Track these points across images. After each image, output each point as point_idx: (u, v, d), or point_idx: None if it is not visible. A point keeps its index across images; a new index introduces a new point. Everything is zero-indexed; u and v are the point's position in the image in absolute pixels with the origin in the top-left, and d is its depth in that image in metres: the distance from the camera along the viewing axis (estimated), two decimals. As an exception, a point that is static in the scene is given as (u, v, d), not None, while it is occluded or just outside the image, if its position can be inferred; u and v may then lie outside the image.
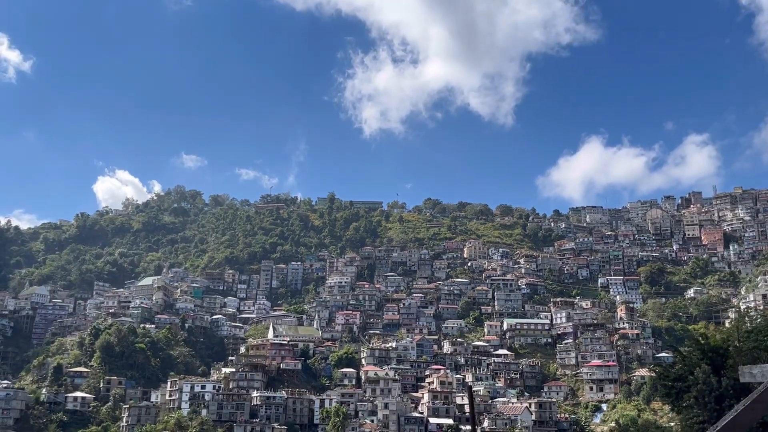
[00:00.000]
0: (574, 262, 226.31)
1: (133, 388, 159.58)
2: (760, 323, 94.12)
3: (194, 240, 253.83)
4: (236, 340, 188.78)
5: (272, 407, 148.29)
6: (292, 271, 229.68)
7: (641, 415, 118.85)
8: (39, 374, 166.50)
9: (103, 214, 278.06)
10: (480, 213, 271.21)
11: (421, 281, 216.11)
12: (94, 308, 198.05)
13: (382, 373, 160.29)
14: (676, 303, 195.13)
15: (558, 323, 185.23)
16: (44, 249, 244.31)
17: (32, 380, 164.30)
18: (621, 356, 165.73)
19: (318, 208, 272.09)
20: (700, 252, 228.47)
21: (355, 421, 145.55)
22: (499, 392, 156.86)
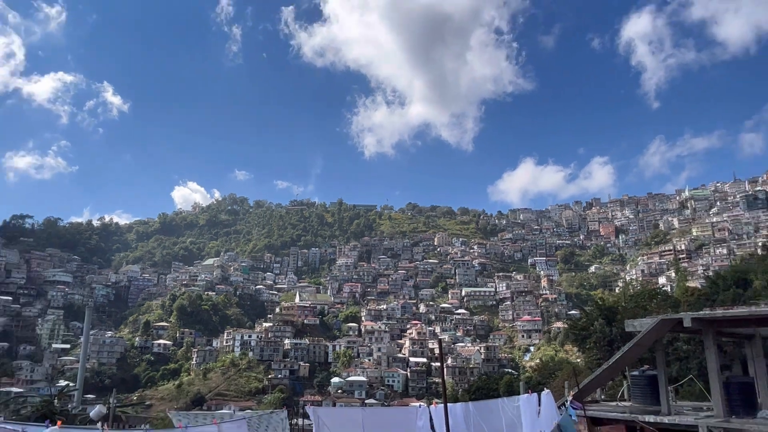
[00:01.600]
0: (512, 247, 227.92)
1: (200, 337, 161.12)
2: (639, 290, 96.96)
3: (242, 232, 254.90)
4: (272, 304, 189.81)
5: (299, 350, 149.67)
6: (312, 255, 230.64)
7: (557, 355, 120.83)
8: (133, 327, 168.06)
9: (178, 214, 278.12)
10: (446, 213, 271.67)
11: (404, 262, 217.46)
12: (172, 281, 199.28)
13: (377, 327, 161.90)
14: (582, 276, 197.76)
15: (500, 291, 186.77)
16: (136, 239, 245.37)
17: (128, 332, 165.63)
18: (543, 313, 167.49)
19: (330, 210, 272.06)
20: (599, 240, 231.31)
21: (357, 360, 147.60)
22: (458, 339, 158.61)
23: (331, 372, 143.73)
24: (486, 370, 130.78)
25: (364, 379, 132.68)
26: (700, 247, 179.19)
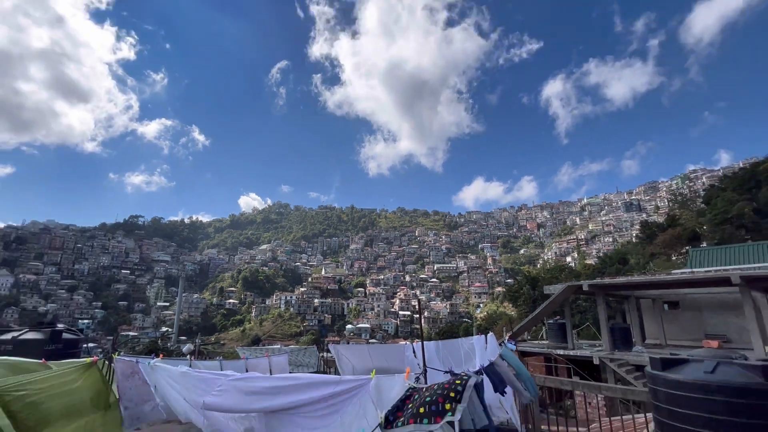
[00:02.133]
0: (468, 237, 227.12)
1: (257, 297, 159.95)
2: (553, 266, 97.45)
3: (286, 227, 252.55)
4: (306, 275, 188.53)
5: (324, 307, 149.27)
6: (333, 242, 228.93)
7: (498, 309, 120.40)
8: (212, 292, 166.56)
9: (243, 214, 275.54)
10: (424, 214, 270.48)
11: (395, 247, 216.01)
12: (238, 260, 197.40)
13: (377, 291, 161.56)
14: (515, 257, 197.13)
15: (460, 266, 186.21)
16: (214, 231, 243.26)
17: (208, 295, 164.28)
18: (489, 282, 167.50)
19: (345, 212, 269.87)
20: (526, 233, 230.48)
21: (363, 313, 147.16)
22: (432, 299, 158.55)
23: (346, 321, 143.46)
24: (450, 320, 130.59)
25: (368, 326, 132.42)
26: (594, 237, 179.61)
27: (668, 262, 63.42)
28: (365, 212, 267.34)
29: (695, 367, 3.56)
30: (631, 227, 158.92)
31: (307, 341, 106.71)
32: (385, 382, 3.11)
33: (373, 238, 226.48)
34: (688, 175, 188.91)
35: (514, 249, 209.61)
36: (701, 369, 3.46)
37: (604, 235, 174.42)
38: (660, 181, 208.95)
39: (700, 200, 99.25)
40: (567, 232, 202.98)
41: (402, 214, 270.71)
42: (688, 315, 19.57)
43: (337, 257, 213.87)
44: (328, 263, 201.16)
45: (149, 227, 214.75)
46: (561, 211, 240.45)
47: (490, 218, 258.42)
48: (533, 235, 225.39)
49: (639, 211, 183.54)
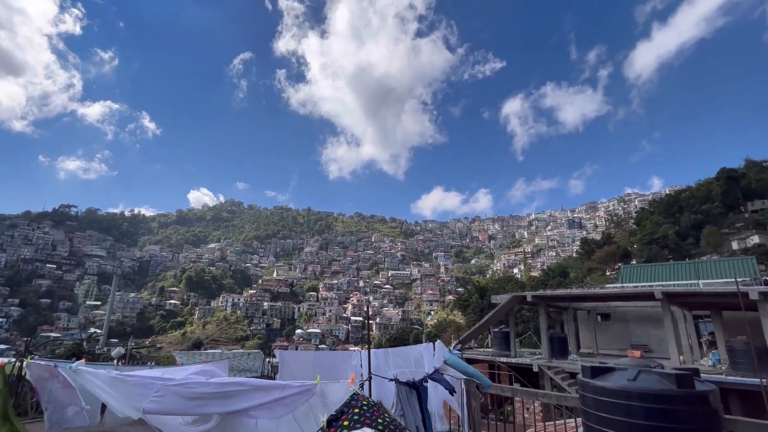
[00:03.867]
0: (423, 245, 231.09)
1: (202, 299, 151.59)
2: (501, 277, 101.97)
3: (238, 226, 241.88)
4: (256, 277, 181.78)
5: (274, 310, 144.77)
6: (287, 244, 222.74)
7: (448, 317, 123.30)
8: (151, 291, 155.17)
9: (191, 210, 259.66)
10: (381, 220, 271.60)
11: (350, 252, 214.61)
12: (183, 258, 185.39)
13: (329, 295, 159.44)
14: (466, 266, 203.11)
15: (413, 274, 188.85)
16: (158, 227, 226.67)
17: (147, 294, 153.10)
18: (441, 290, 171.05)
19: (302, 213, 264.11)
20: (478, 244, 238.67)
21: (315, 317, 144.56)
22: (385, 305, 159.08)
23: (296, 325, 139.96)
24: (401, 326, 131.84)
25: (319, 331, 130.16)
26: (539, 251, 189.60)
27: (603, 277, 68.74)
28: (322, 215, 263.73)
29: (620, 375, 3.87)
30: (572, 243, 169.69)
31: (253, 346, 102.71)
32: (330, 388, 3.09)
33: (329, 242, 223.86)
34: (624, 197, 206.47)
35: (466, 259, 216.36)
36: (625, 377, 3.77)
37: (548, 249, 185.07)
38: (600, 202, 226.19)
39: (632, 221, 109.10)
40: (515, 245, 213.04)
41: (359, 219, 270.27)
42: (618, 326, 21.28)
43: (290, 259, 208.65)
44: (280, 265, 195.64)
45: (83, 218, 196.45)
46: (511, 224, 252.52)
47: (445, 228, 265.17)
48: (485, 246, 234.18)
49: (580, 229, 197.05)
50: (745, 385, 11.65)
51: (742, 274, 22.52)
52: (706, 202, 79.44)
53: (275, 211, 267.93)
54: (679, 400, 3.43)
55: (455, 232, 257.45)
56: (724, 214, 76.20)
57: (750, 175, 79.34)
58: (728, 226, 72.54)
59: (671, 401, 3.43)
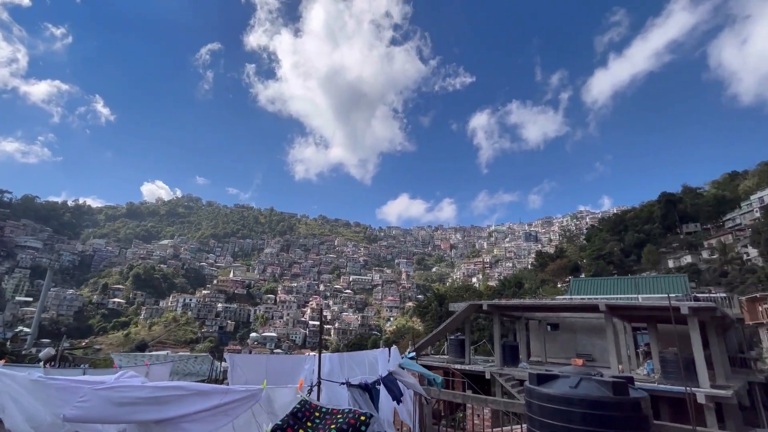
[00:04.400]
0: (386, 251, 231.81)
1: (150, 298, 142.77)
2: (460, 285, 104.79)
3: (194, 223, 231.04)
4: (212, 277, 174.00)
5: (228, 312, 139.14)
6: (246, 244, 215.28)
7: (407, 323, 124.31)
8: (93, 288, 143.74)
9: (143, 204, 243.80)
10: (345, 224, 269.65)
11: (312, 255, 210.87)
12: (131, 254, 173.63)
13: (288, 298, 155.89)
14: (427, 274, 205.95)
15: (375, 279, 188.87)
16: (105, 219, 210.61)
17: (88, 291, 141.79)
18: (401, 296, 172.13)
19: (264, 213, 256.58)
20: (440, 252, 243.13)
21: (271, 321, 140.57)
22: (344, 310, 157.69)
23: (251, 329, 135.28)
24: (360, 332, 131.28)
25: (275, 335, 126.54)
26: (497, 262, 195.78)
27: (555, 289, 72.17)
28: (285, 216, 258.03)
29: (563, 382, 4.04)
30: (528, 255, 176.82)
31: (204, 349, 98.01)
32: (278, 393, 2.97)
33: (291, 244, 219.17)
34: (577, 214, 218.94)
35: (427, 266, 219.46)
36: (567, 384, 3.94)
37: (505, 260, 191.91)
38: (555, 217, 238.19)
39: (583, 237, 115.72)
40: (475, 255, 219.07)
41: (323, 222, 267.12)
42: (565, 336, 22.35)
43: (249, 260, 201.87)
44: (238, 266, 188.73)
45: (18, 206, 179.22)
46: (472, 234, 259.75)
47: (409, 235, 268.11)
48: (446, 254, 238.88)
49: (536, 242, 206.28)
50: (674, 392, 12.59)
51: (676, 290, 24.46)
52: (648, 222, 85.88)
53: (236, 209, 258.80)
54: (614, 407, 3.64)
55: (418, 239, 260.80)
56: (663, 234, 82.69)
57: (686, 200, 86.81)
58: (666, 246, 78.77)
59: (607, 407, 3.62)
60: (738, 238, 68.33)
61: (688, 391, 10.40)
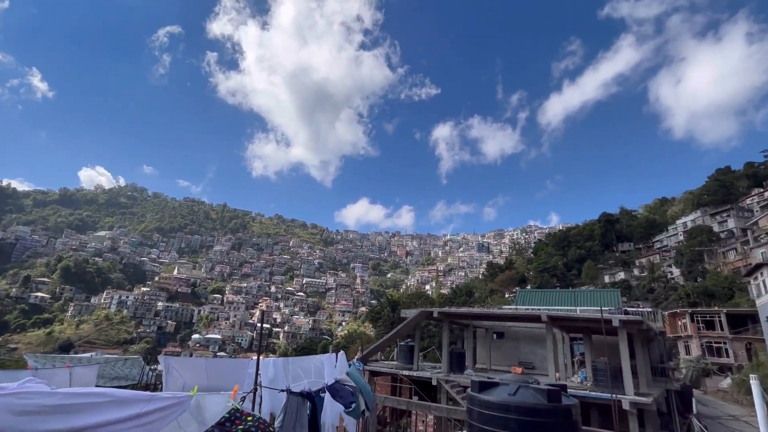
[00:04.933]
0: (341, 255, 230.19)
1: (80, 294, 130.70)
2: (413, 292, 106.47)
3: (137, 215, 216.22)
4: (153, 273, 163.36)
5: (169, 311, 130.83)
6: (195, 240, 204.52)
7: (359, 328, 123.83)
8: (12, 280, 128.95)
9: (80, 191, 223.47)
10: (301, 225, 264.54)
11: (265, 255, 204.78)
12: (62, 245, 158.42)
13: (236, 299, 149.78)
14: (382, 279, 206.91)
15: (329, 283, 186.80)
16: (32, 205, 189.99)
17: (6, 283, 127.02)
18: (355, 301, 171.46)
19: (216, 209, 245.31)
20: (396, 258, 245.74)
21: (217, 322, 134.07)
22: (295, 313, 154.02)
23: (193, 330, 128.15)
24: (311, 336, 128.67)
25: (219, 337, 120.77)
26: (451, 270, 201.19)
27: (502, 299, 75.27)
28: (239, 213, 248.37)
29: (502, 390, 4.16)
30: (480, 265, 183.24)
31: (139, 350, 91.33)
32: (209, 400, 2.78)
33: (243, 242, 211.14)
34: (527, 228, 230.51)
35: (382, 272, 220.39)
36: (506, 391, 4.06)
37: (458, 269, 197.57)
38: (506, 230, 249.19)
39: (531, 250, 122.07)
40: (430, 263, 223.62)
41: (279, 222, 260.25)
42: (510, 344, 23.30)
43: (196, 257, 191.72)
44: (184, 262, 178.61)
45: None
46: (428, 242, 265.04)
47: (366, 240, 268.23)
48: (401, 261, 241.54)
49: (488, 253, 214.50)
50: (602, 399, 13.50)
51: (609, 304, 26.40)
52: (589, 239, 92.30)
53: (185, 203, 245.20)
54: (548, 413, 3.79)
55: (375, 244, 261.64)
56: (602, 251, 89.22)
57: (623, 221, 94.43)
58: (603, 262, 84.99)
59: (542, 414, 3.77)
60: (664, 258, 75.28)
61: (614, 398, 11.22)
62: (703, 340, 39.84)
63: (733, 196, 75.29)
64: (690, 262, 64.28)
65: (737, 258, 56.62)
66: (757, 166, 79.61)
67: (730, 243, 62.49)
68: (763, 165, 78.62)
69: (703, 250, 64.93)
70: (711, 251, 64.33)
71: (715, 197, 77.13)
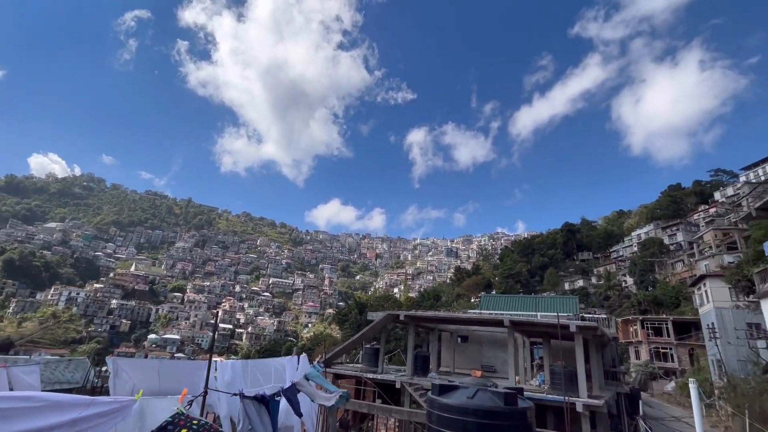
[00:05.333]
0: (311, 256, 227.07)
1: (23, 289, 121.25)
2: (381, 294, 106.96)
3: (93, 206, 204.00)
4: (108, 269, 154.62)
5: (124, 310, 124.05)
6: (155, 235, 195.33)
7: (326, 330, 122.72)
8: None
9: (29, 178, 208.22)
10: (270, 224, 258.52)
11: (231, 253, 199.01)
12: (5, 235, 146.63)
13: (198, 298, 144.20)
14: (351, 281, 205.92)
15: (297, 283, 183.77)
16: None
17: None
18: (322, 302, 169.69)
19: (180, 204, 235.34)
20: (365, 260, 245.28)
21: (176, 322, 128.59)
22: (260, 314, 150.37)
23: (150, 329, 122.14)
24: (275, 337, 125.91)
25: (178, 337, 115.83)
26: (419, 274, 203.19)
27: (468, 303, 76.83)
28: (204, 209, 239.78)
29: (462, 393, 4.21)
30: (448, 270, 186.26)
31: (89, 351, 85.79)
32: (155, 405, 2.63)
33: (207, 240, 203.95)
34: (494, 235, 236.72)
35: (351, 274, 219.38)
36: (465, 394, 4.12)
37: (427, 273, 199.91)
38: (475, 236, 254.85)
39: (497, 256, 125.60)
40: (399, 266, 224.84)
41: (246, 220, 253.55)
42: (473, 348, 23.77)
43: (156, 253, 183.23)
44: (142, 259, 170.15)
45: None
46: (398, 246, 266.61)
47: (336, 241, 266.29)
48: (371, 263, 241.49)
49: (456, 258, 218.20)
50: (558, 402, 14.03)
51: (568, 310, 27.53)
52: (552, 248, 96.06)
53: (146, 196, 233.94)
54: (504, 416, 3.88)
55: (345, 246, 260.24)
56: (563, 259, 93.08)
57: (583, 231, 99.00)
58: (564, 270, 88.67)
59: (498, 417, 3.85)
60: (620, 267, 79.57)
61: (567, 401, 11.67)
62: (651, 346, 42.34)
63: (682, 212, 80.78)
64: (642, 272, 68.27)
65: (684, 269, 60.66)
66: (704, 185, 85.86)
67: (678, 255, 66.90)
68: (709, 183, 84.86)
69: (654, 261, 69.17)
70: (661, 262, 68.62)
71: (667, 212, 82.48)
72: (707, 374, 32.45)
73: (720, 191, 76.72)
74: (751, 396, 20.99)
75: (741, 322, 28.59)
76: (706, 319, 32.36)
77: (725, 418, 25.41)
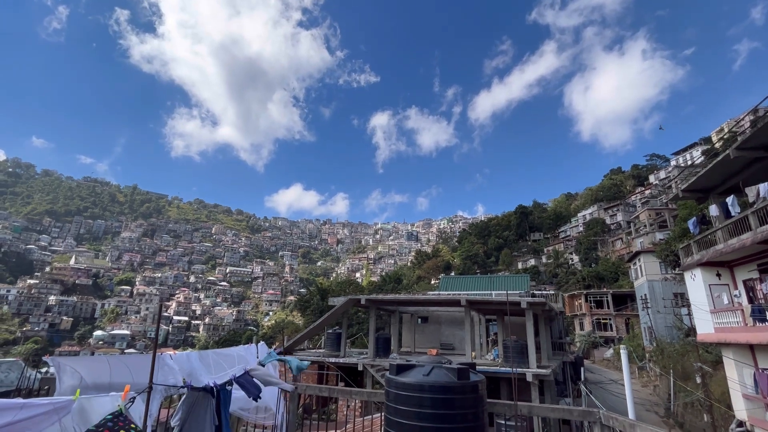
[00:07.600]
0: (270, 243, 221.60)
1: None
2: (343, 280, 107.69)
3: (21, 195, 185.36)
4: (43, 263, 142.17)
5: (64, 306, 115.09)
6: (97, 225, 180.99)
7: (287, 318, 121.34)
8: None
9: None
10: (225, 211, 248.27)
11: (184, 242, 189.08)
12: None
13: (148, 290, 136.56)
14: (312, 267, 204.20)
15: (256, 272, 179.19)
16: None
17: None
18: (283, 290, 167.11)
19: (124, 191, 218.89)
20: (326, 246, 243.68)
21: (124, 316, 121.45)
22: (217, 304, 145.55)
23: (95, 326, 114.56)
24: (235, 327, 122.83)
25: (128, 332, 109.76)
26: (381, 258, 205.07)
27: (429, 285, 79.04)
28: (152, 196, 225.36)
29: (418, 371, 4.40)
30: (409, 253, 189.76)
31: (24, 352, 79.17)
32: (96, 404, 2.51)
33: (157, 229, 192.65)
34: (453, 218, 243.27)
35: (312, 260, 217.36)
36: (422, 372, 4.30)
37: (388, 257, 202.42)
38: (435, 220, 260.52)
39: (456, 239, 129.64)
40: (361, 251, 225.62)
41: (200, 207, 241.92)
42: (433, 328, 24.63)
43: (99, 245, 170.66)
44: (83, 251, 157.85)
45: None
46: (359, 231, 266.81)
47: (296, 227, 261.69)
48: (332, 249, 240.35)
49: (416, 241, 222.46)
50: (507, 373, 14.98)
51: (520, 287, 29.16)
52: (507, 229, 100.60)
53: (85, 183, 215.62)
54: (457, 390, 4.12)
55: (305, 232, 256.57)
56: (517, 240, 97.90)
57: (535, 213, 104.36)
58: (518, 250, 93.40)
59: (452, 391, 4.08)
60: (567, 246, 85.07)
61: (514, 372, 12.49)
62: (594, 317, 46.08)
63: (622, 193, 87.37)
64: (587, 250, 73.50)
65: (623, 246, 66.07)
66: (641, 168, 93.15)
67: (618, 234, 72.64)
68: (645, 167, 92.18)
69: (597, 239, 74.62)
70: (603, 241, 74.22)
71: (609, 194, 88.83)
72: (640, 340, 35.99)
73: (654, 174, 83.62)
74: (675, 357, 23.60)
75: (668, 292, 31.78)
76: (640, 291, 35.61)
77: (654, 378, 28.46)
